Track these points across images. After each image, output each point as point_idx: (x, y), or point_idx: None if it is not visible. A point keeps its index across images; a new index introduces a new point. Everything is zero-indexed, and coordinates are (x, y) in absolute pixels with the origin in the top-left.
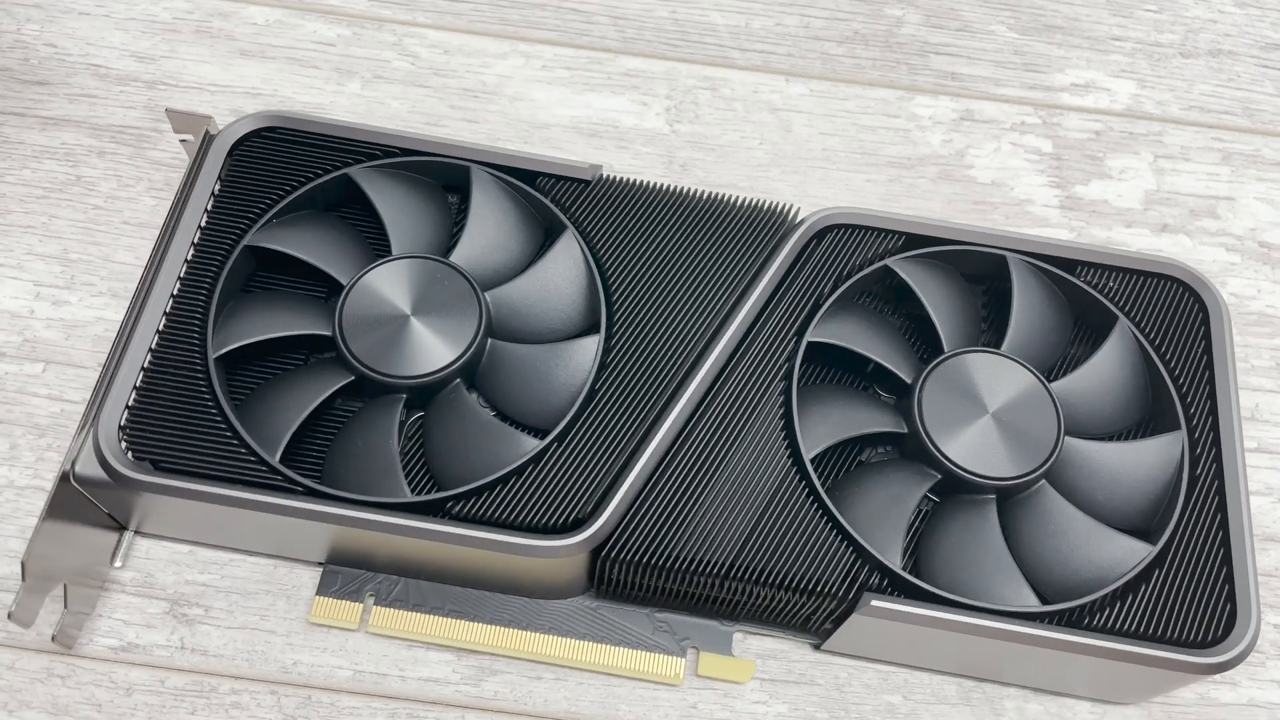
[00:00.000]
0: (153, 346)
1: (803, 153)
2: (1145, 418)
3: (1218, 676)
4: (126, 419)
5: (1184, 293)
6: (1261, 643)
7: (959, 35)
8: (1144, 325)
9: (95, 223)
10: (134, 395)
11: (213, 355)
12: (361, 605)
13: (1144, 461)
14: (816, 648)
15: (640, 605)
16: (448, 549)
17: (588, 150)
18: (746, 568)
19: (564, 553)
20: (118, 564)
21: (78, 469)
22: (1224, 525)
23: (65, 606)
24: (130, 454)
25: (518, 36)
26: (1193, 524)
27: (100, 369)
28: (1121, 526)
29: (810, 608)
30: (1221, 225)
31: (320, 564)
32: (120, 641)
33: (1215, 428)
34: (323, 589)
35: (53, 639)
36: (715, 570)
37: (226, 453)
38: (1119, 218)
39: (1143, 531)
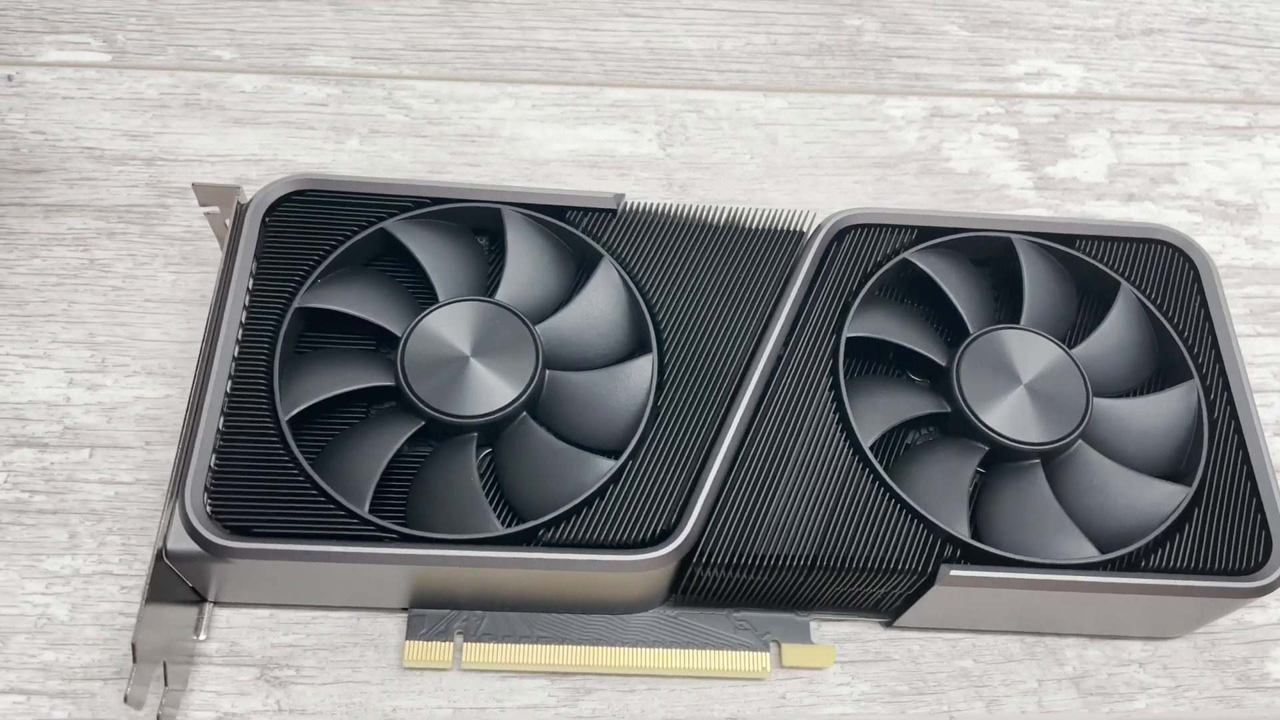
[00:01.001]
0: (223, 418)
1: (791, 162)
2: (1156, 373)
3: (1258, 600)
4: (209, 491)
5: (1174, 254)
6: None
7: (916, 38)
8: (1143, 288)
9: (117, 303)
10: (213, 467)
11: (284, 418)
12: (452, 644)
13: (1167, 411)
14: (887, 625)
15: (718, 608)
16: (540, 576)
17: (590, 181)
18: (829, 557)
19: (656, 564)
20: (201, 636)
21: (170, 546)
22: (1247, 460)
23: (165, 684)
24: (220, 524)
25: (504, 79)
26: (1220, 463)
27: (178, 445)
28: (1155, 474)
29: (889, 587)
30: (1180, 189)
31: (403, 609)
32: (217, 713)
33: (1223, 373)
34: (411, 633)
35: None
36: (799, 564)
37: (315, 510)
38: (1089, 192)
39: (1175, 476)
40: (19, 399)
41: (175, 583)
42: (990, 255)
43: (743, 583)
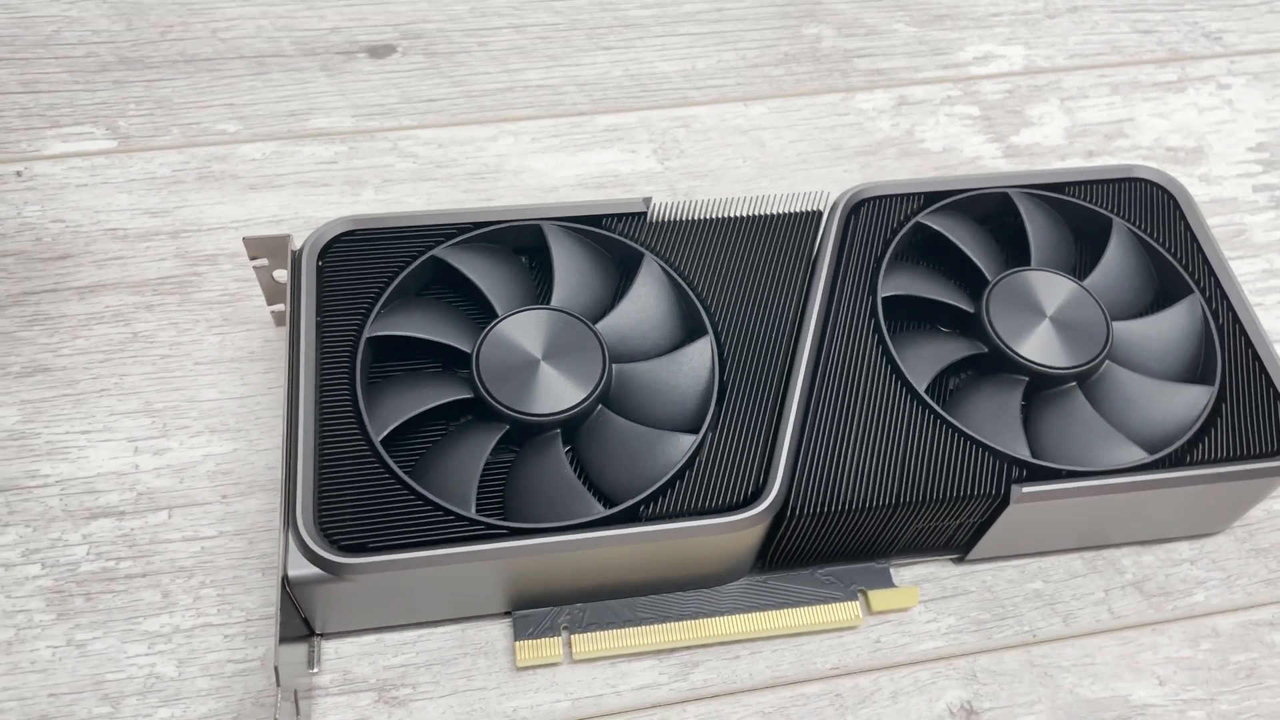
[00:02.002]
0: (319, 449)
1: (781, 161)
2: (1158, 296)
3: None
4: (320, 516)
5: (1153, 190)
6: None
7: (870, 38)
8: (1132, 221)
9: (168, 370)
10: (319, 494)
11: (376, 439)
12: (560, 638)
13: (1176, 324)
14: (959, 561)
15: (802, 568)
16: (646, 551)
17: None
18: (910, 494)
19: (754, 522)
20: (314, 670)
21: (291, 573)
22: (1257, 358)
23: (297, 716)
24: (335, 545)
25: (500, 119)
26: (1234, 363)
27: (281, 482)
28: (1178, 381)
29: (965, 515)
30: (1132, 142)
31: (505, 614)
32: None
33: (1219, 285)
34: (520, 634)
35: None
36: (884, 504)
37: (425, 518)
38: (1053, 154)
39: (1196, 380)
40: (87, 474)
41: (291, 615)
42: (989, 213)
43: (829, 533)
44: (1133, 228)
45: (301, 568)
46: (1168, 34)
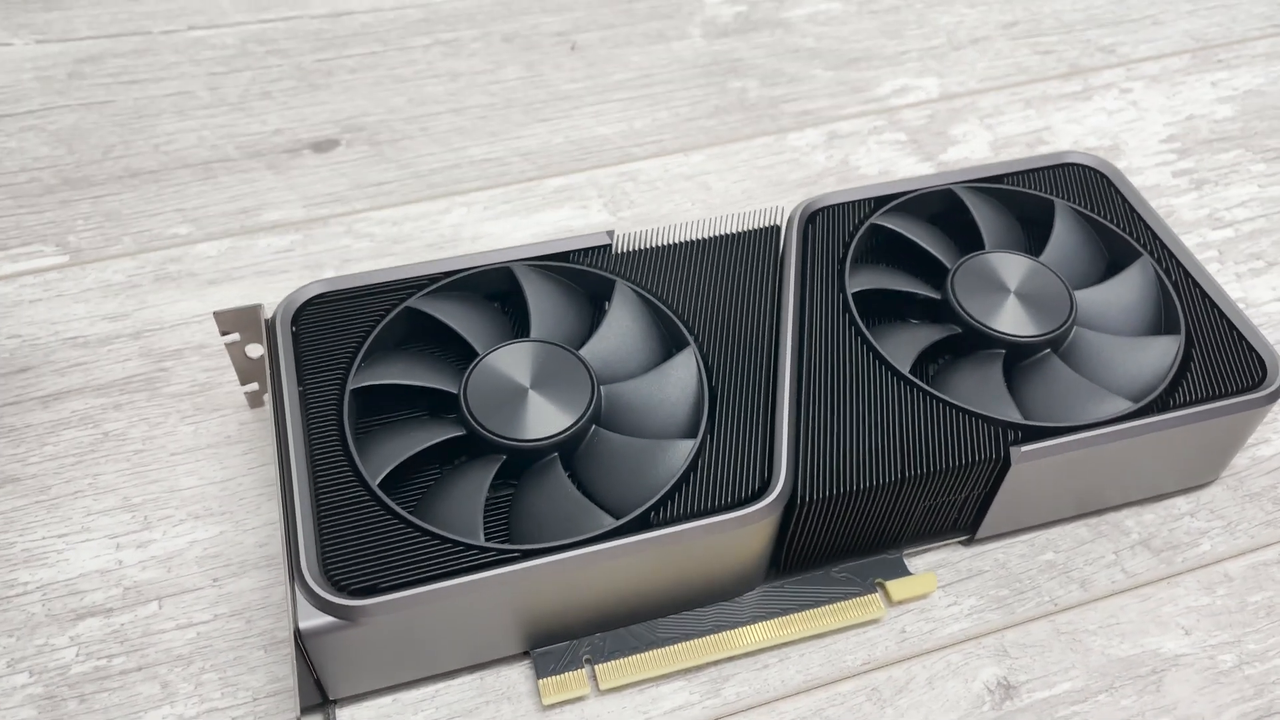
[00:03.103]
0: (316, 498)
1: (728, 200)
2: (1109, 266)
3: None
4: (325, 564)
5: (1087, 172)
6: None
7: (792, 85)
8: (1072, 201)
9: (143, 465)
10: (320, 541)
11: (374, 483)
12: (585, 671)
13: (1133, 285)
14: (967, 543)
15: (816, 568)
16: (660, 559)
17: None
18: (914, 468)
19: (766, 514)
20: None
21: (303, 624)
22: (1214, 305)
23: None
24: (346, 590)
25: (449, 193)
26: (1195, 313)
27: (282, 541)
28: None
29: (970, 484)
30: (1052, 148)
31: (524, 653)
32: None
33: (1165, 247)
34: (541, 673)
35: None
36: (891, 481)
37: (433, 553)
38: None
39: (1162, 334)
40: (68, 576)
41: (305, 676)
42: (937, 212)
43: (839, 522)
44: (1074, 206)
45: (313, 618)
46: (1065, 52)
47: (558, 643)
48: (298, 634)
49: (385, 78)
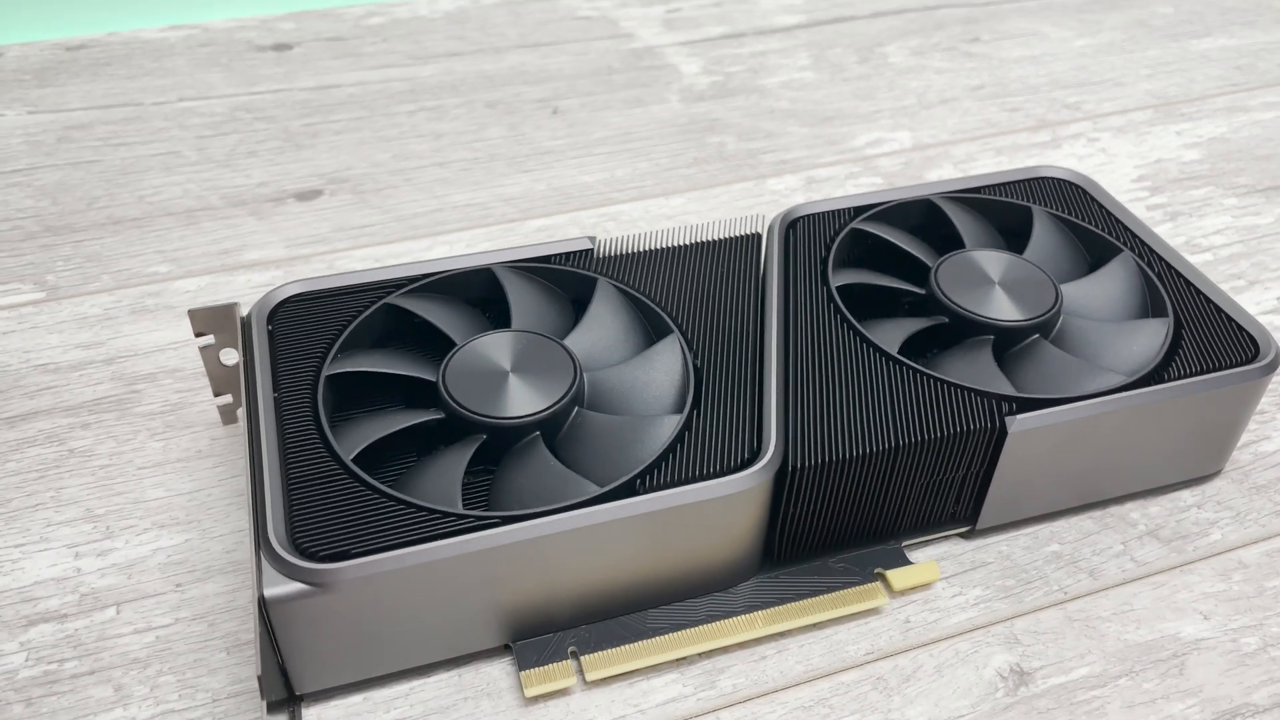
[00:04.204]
0: (286, 471)
1: None
2: (1090, 266)
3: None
4: (293, 531)
5: (1064, 185)
6: None
7: (769, 140)
8: (1050, 209)
9: (109, 479)
10: (289, 509)
11: (348, 459)
12: (570, 662)
13: (1117, 277)
14: (968, 535)
15: (811, 559)
16: (646, 531)
17: None
18: (908, 436)
19: (756, 479)
20: None
21: (268, 592)
22: (1199, 292)
23: None
24: (313, 557)
25: (433, 234)
26: (1180, 300)
27: (250, 515)
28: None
29: (966, 459)
30: None
31: (505, 646)
32: None
33: (1144, 244)
34: (524, 664)
35: None
36: (884, 449)
37: (408, 520)
38: None
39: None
40: (22, 584)
41: (268, 664)
42: (916, 224)
43: (833, 500)
44: (1052, 212)
45: (279, 585)
46: (1033, 109)
47: (541, 635)
48: (262, 603)
49: (370, 138)
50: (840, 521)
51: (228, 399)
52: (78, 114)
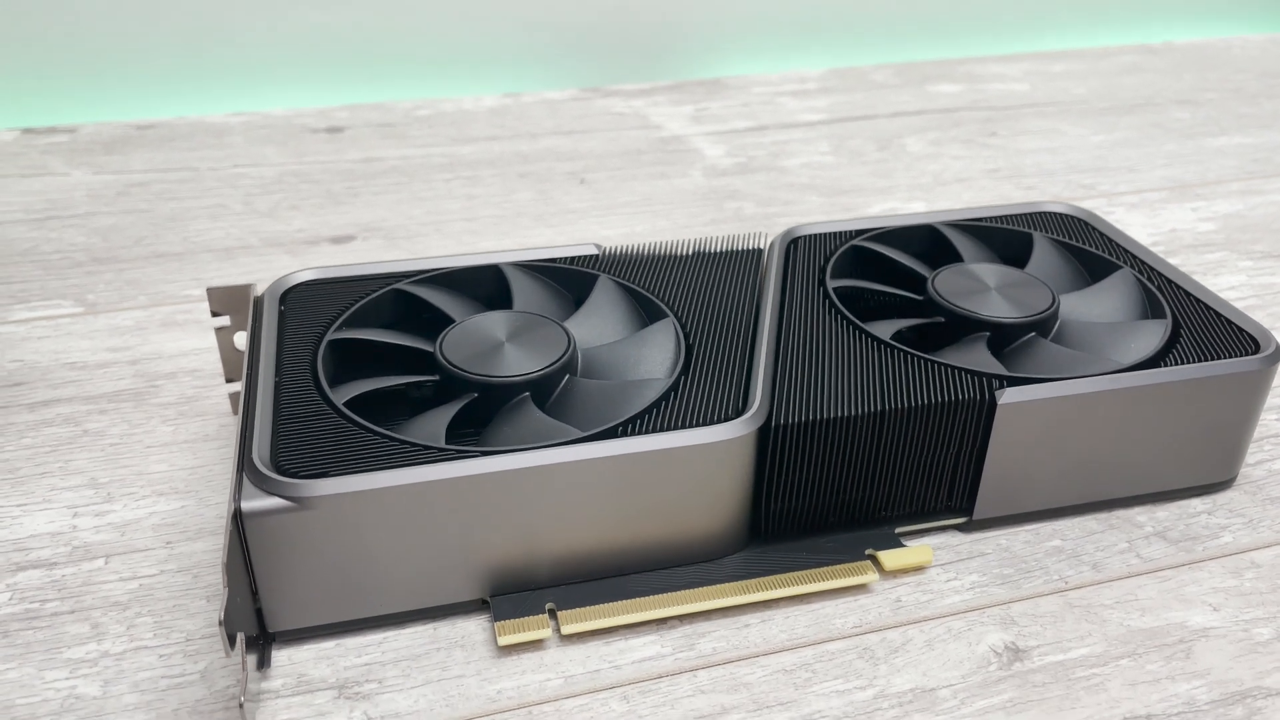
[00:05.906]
0: (278, 406)
1: None
2: (1086, 285)
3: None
4: (276, 451)
5: (1067, 219)
6: None
7: (786, 206)
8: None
9: (117, 455)
10: (276, 434)
11: (340, 403)
12: (546, 616)
13: (1116, 289)
14: (965, 528)
15: (801, 537)
16: (629, 480)
17: None
18: (896, 403)
19: (742, 429)
20: (264, 670)
21: (245, 505)
22: (1198, 300)
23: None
24: (294, 476)
25: None
26: (1180, 307)
27: (235, 445)
28: None
29: (955, 434)
30: None
31: (483, 602)
32: None
33: (1144, 262)
34: (499, 616)
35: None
36: (872, 411)
37: (392, 449)
38: None
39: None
40: (17, 536)
41: (240, 584)
42: (918, 251)
43: (822, 468)
44: (1054, 238)
45: (256, 499)
46: (1048, 188)
47: (519, 591)
48: (238, 516)
49: (407, 198)
50: (829, 496)
51: (238, 387)
52: (138, 175)
